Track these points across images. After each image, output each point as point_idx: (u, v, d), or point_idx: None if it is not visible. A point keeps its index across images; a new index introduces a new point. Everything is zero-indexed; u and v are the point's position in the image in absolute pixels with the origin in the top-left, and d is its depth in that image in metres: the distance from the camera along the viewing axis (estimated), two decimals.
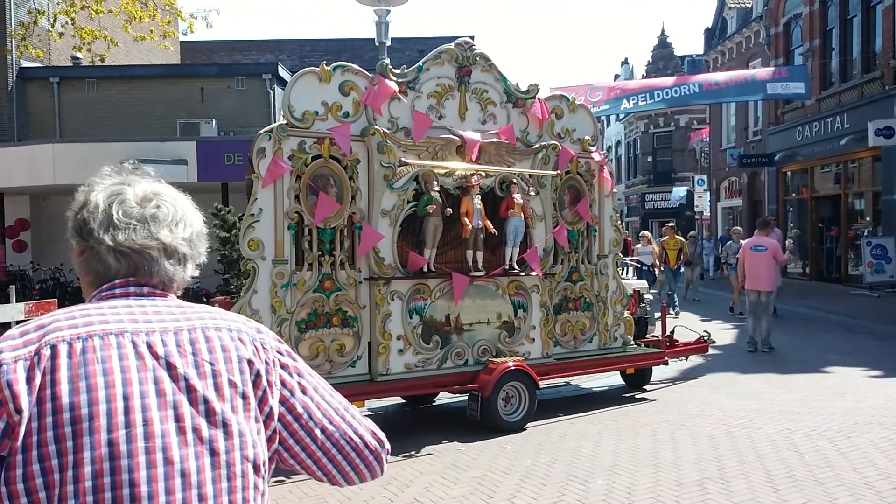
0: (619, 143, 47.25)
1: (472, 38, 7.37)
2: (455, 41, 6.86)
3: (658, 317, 9.04)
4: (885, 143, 15.89)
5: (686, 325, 10.34)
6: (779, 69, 18.22)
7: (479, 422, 6.43)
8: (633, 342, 8.28)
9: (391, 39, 12.94)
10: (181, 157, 13.62)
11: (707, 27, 30.53)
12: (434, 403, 7.63)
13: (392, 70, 6.41)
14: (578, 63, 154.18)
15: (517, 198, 6.91)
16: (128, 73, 19.44)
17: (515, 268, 7.01)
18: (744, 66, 24.14)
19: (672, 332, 8.93)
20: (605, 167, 7.98)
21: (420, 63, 6.66)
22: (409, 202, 6.42)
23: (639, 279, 14.15)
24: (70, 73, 19.18)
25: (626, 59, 48.16)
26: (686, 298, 16.88)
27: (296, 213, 5.94)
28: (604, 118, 44.75)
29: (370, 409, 7.29)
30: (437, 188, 6.46)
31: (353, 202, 6.20)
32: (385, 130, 6.27)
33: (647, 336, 9.20)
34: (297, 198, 5.94)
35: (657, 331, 9.05)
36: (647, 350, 8.23)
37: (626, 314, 8.14)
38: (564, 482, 5.09)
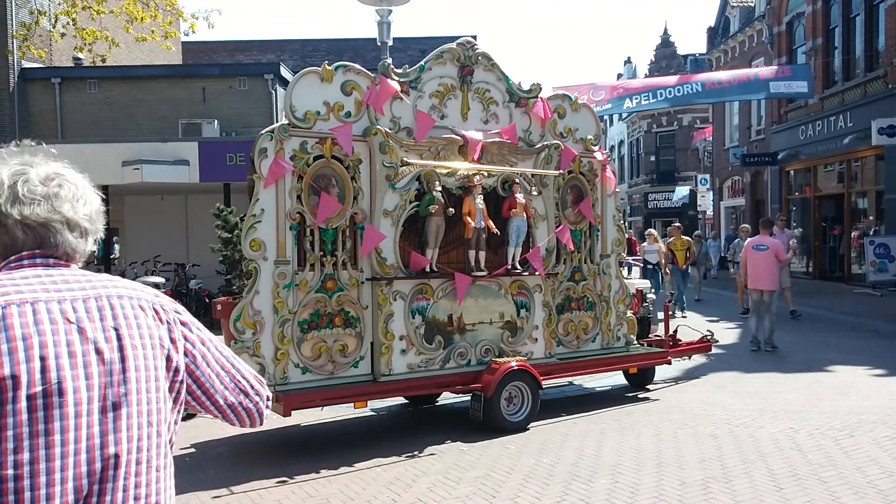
0: (622, 143, 47.24)
1: (475, 38, 7.37)
2: (457, 41, 6.85)
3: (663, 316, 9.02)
4: (889, 142, 15.86)
5: (689, 325, 10.32)
6: (782, 68, 18.20)
7: (482, 422, 6.43)
8: (636, 342, 8.27)
9: (393, 39, 12.93)
10: (183, 158, 13.61)
11: (710, 26, 30.53)
12: (437, 404, 7.62)
13: (394, 70, 6.41)
14: (581, 62, 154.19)
15: (519, 197, 6.90)
16: (129, 74, 19.46)
17: (518, 268, 7.00)
18: (747, 65, 24.11)
19: (675, 332, 8.92)
20: (608, 166, 7.97)
21: (422, 62, 6.65)
22: (412, 202, 6.41)
23: (644, 279, 14.16)
24: (71, 74, 19.21)
25: (629, 59, 48.19)
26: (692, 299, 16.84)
27: (298, 214, 5.93)
28: (606, 117, 44.74)
29: (373, 410, 7.29)
30: (440, 188, 6.45)
31: (356, 202, 6.19)
32: (387, 130, 6.26)
33: (650, 335, 9.19)
34: (299, 198, 5.93)
35: (660, 330, 9.04)
36: (650, 350, 8.22)
37: (629, 314, 8.13)
38: (567, 482, 5.09)
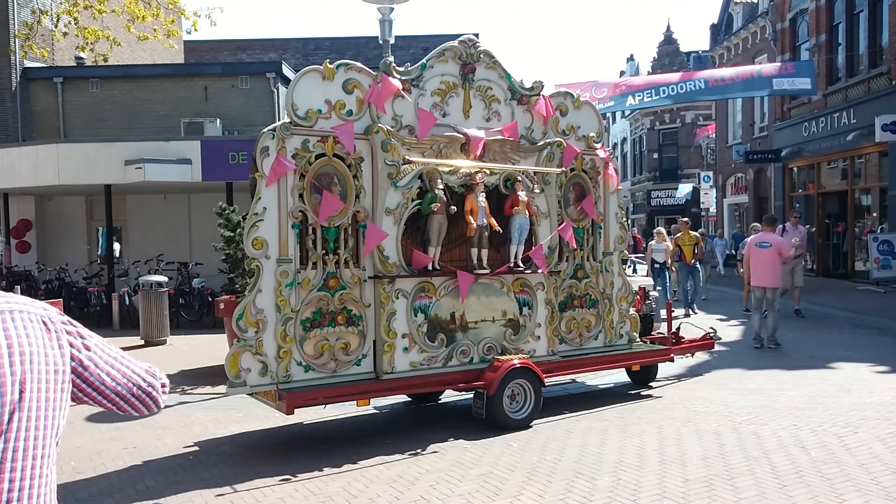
0: (625, 140, 47.19)
1: (477, 36, 7.36)
2: (459, 38, 6.84)
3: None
4: (892, 139, 15.81)
5: (692, 322, 10.31)
6: (785, 65, 18.16)
7: (485, 419, 6.43)
8: (639, 339, 8.26)
9: (395, 37, 12.90)
10: (185, 157, 13.62)
11: (713, 23, 30.49)
12: (439, 401, 7.63)
13: (396, 68, 6.40)
14: (583, 59, 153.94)
15: (522, 195, 6.90)
16: (131, 73, 19.48)
17: (520, 265, 7.00)
18: (750, 62, 24.07)
19: (678, 329, 8.91)
20: (610, 164, 7.95)
21: (424, 60, 6.64)
22: (414, 200, 6.41)
23: (652, 277, 14.08)
24: (74, 73, 19.23)
25: (632, 56, 48.11)
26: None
27: (300, 212, 5.93)
28: (609, 115, 44.64)
29: (375, 408, 7.29)
30: (442, 186, 6.45)
31: (357, 200, 6.19)
32: (389, 128, 6.25)
33: (653, 333, 9.18)
34: (301, 196, 5.93)
35: (662, 327, 9.03)
36: (653, 347, 8.21)
37: (632, 311, 8.13)
38: (570, 479, 5.09)
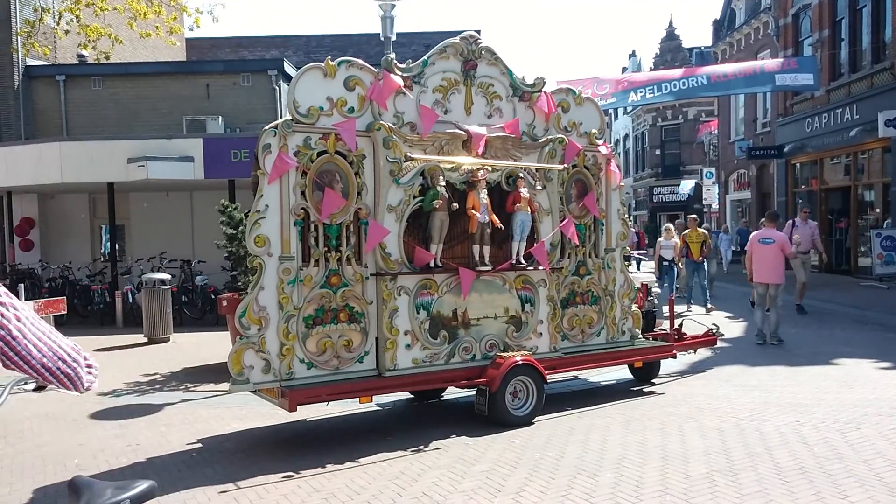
0: (627, 137, 47.16)
1: (478, 32, 7.35)
2: (461, 35, 6.84)
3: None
4: (895, 134, 15.78)
5: (694, 318, 10.30)
6: (787, 60, 18.09)
7: (487, 416, 6.43)
8: (641, 336, 8.26)
9: (397, 34, 12.87)
10: (188, 155, 13.64)
11: (715, 18, 30.41)
12: (442, 398, 7.63)
13: (397, 65, 6.39)
14: (585, 56, 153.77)
15: (524, 192, 6.89)
16: (133, 71, 19.50)
17: (522, 262, 7.00)
18: (752, 58, 24.01)
19: (680, 326, 8.91)
20: (613, 160, 7.95)
21: (425, 57, 6.63)
22: (416, 197, 6.41)
23: (660, 276, 14.00)
24: (76, 71, 19.25)
25: (634, 52, 48.14)
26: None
27: (302, 209, 5.93)
28: (611, 111, 44.62)
29: (378, 405, 7.30)
30: (444, 183, 6.44)
31: (359, 198, 6.19)
32: (390, 125, 6.25)
33: (655, 329, 9.18)
34: (303, 194, 5.93)
35: (665, 323, 9.02)
36: (656, 343, 8.21)
37: (634, 308, 8.12)
38: (572, 476, 5.09)
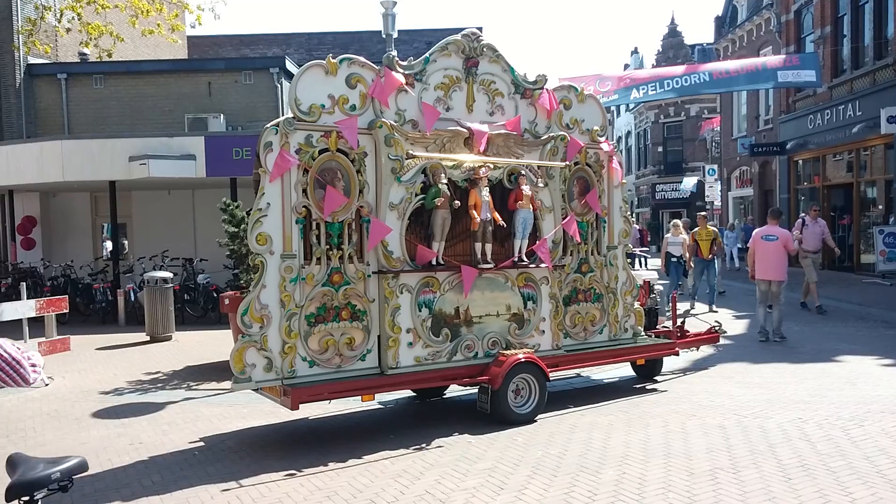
0: (629, 134, 47.11)
1: (480, 29, 7.34)
2: (462, 32, 6.83)
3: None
4: None
5: (699, 317, 10.29)
6: (790, 57, 18.06)
7: (490, 414, 6.43)
8: (644, 333, 8.25)
9: (399, 32, 12.87)
10: (189, 153, 13.65)
11: (717, 15, 30.37)
12: (444, 396, 7.63)
13: (399, 62, 6.39)
14: (587, 53, 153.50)
15: (526, 189, 6.89)
16: (135, 69, 19.51)
17: (524, 260, 6.99)
18: (754, 54, 23.98)
19: (683, 323, 8.89)
20: (615, 158, 7.94)
21: (427, 55, 6.63)
22: (417, 195, 6.40)
23: (667, 273, 13.92)
24: (77, 70, 19.27)
25: (636, 49, 48.04)
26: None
27: (303, 208, 5.93)
28: (613, 108, 44.53)
29: (380, 403, 7.30)
30: (445, 181, 6.43)
31: (361, 195, 6.19)
32: (392, 123, 6.25)
33: (658, 327, 9.17)
34: (305, 192, 5.93)
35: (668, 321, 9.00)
36: (658, 341, 8.20)
37: (637, 305, 8.12)
38: (575, 473, 5.09)
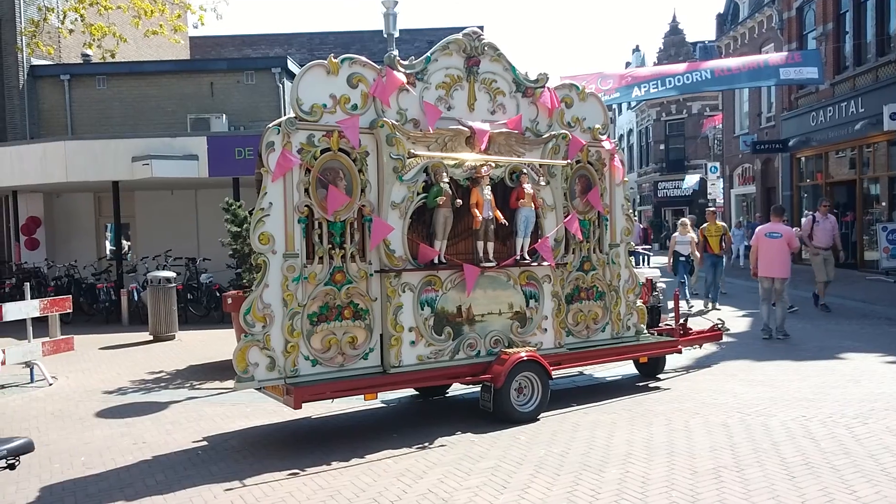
0: (631, 132, 47.08)
1: (481, 28, 7.34)
2: (463, 31, 6.83)
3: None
4: None
5: (709, 315, 10.28)
6: (792, 54, 18.04)
7: (492, 413, 6.43)
8: (647, 331, 8.25)
9: (400, 31, 12.86)
10: (192, 153, 13.67)
11: (719, 13, 30.34)
12: (447, 395, 7.64)
13: (400, 61, 6.39)
14: (589, 51, 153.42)
15: (527, 188, 6.88)
16: (137, 70, 19.54)
17: (527, 258, 6.99)
18: (756, 52, 23.94)
19: (685, 321, 8.89)
20: (616, 156, 7.93)
21: (428, 54, 6.63)
22: (419, 194, 6.41)
23: (675, 272, 13.84)
24: (80, 71, 19.31)
25: (637, 47, 47.99)
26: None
27: (306, 207, 5.94)
28: (615, 106, 44.58)
29: (383, 402, 7.31)
30: (447, 179, 6.44)
31: (363, 195, 6.19)
32: (394, 122, 6.25)
33: (660, 325, 9.17)
34: (307, 191, 5.94)
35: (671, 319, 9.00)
36: (661, 339, 8.20)
37: (639, 303, 8.11)
38: (578, 472, 5.09)
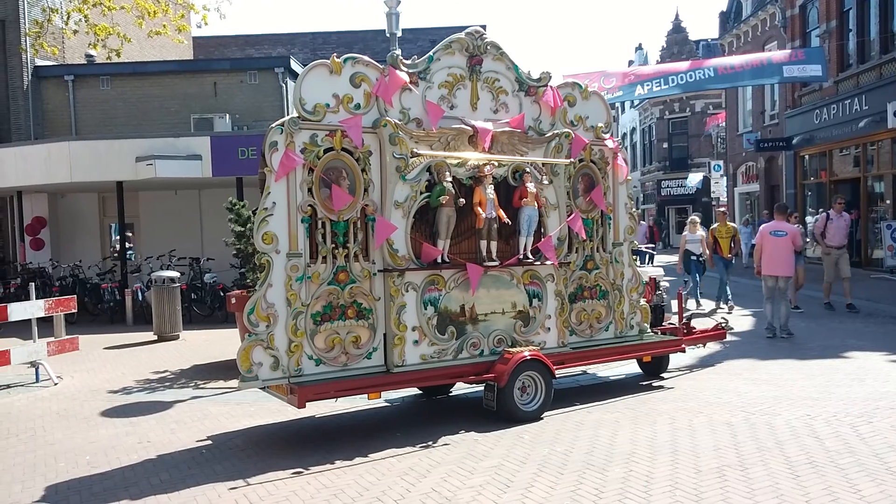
0: (634, 130, 47.02)
1: (484, 27, 7.34)
2: (466, 30, 6.83)
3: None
4: None
5: (703, 313, 10.27)
6: (795, 51, 18.00)
7: (496, 412, 6.43)
8: (650, 330, 8.24)
9: (402, 30, 12.88)
10: (195, 153, 13.69)
11: (722, 10, 30.28)
12: (450, 394, 7.64)
13: (403, 61, 6.40)
14: (591, 50, 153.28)
15: (530, 187, 6.89)
16: (141, 70, 19.57)
17: (530, 257, 6.99)
18: (759, 50, 23.87)
19: (689, 320, 8.88)
20: (619, 154, 7.93)
21: (431, 53, 6.63)
22: (422, 193, 6.41)
23: (686, 272, 13.77)
24: (84, 71, 19.35)
25: (640, 45, 47.95)
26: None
27: (309, 206, 5.95)
28: (618, 105, 44.54)
29: (386, 401, 7.32)
30: (450, 178, 6.44)
31: (366, 194, 6.20)
32: (397, 121, 6.26)
33: (664, 323, 9.16)
34: (311, 191, 5.95)
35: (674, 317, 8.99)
36: (664, 338, 8.19)
37: (643, 302, 8.11)
38: (581, 471, 5.09)
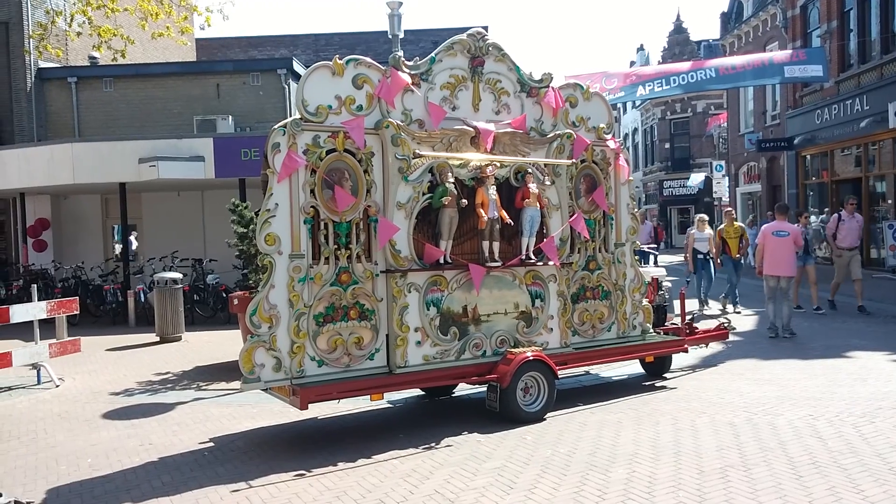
0: (636, 131, 47.03)
1: (486, 29, 7.35)
2: (468, 31, 6.84)
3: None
4: None
5: (705, 313, 10.26)
6: (796, 52, 17.98)
7: (499, 413, 6.44)
8: (653, 330, 8.24)
9: (405, 32, 12.91)
10: (198, 154, 13.72)
11: (723, 11, 30.27)
12: (453, 395, 7.65)
13: (405, 62, 6.41)
14: (593, 50, 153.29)
15: (532, 188, 6.89)
16: (144, 72, 19.61)
17: (532, 258, 7.00)
18: (761, 50, 23.86)
19: (692, 320, 8.88)
20: (621, 155, 7.93)
21: (433, 54, 6.65)
22: (425, 194, 6.42)
23: (694, 271, 13.68)
24: (87, 73, 19.40)
25: (642, 46, 47.96)
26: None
27: (311, 208, 5.96)
28: (619, 105, 44.52)
29: (389, 402, 7.32)
30: (452, 179, 6.45)
31: (369, 195, 6.21)
32: (399, 123, 6.27)
33: (667, 324, 9.15)
34: (313, 192, 5.96)
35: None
36: (667, 338, 8.19)
37: (645, 302, 8.11)
38: (584, 472, 5.09)
